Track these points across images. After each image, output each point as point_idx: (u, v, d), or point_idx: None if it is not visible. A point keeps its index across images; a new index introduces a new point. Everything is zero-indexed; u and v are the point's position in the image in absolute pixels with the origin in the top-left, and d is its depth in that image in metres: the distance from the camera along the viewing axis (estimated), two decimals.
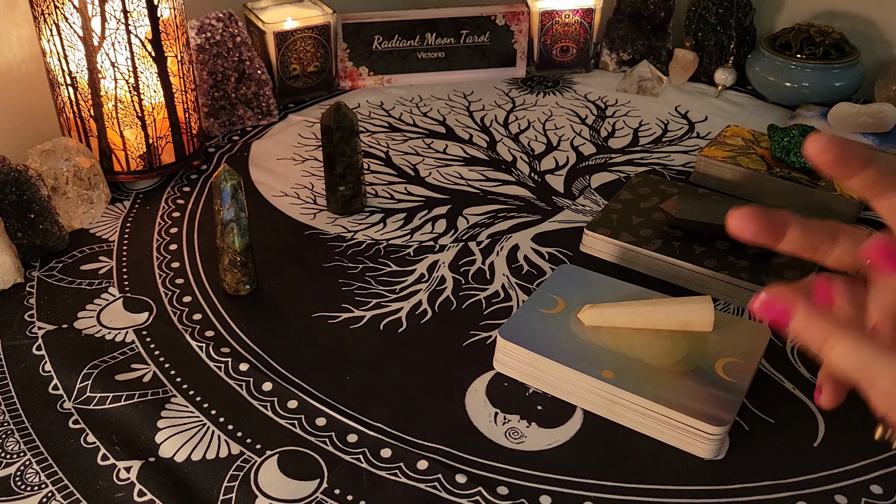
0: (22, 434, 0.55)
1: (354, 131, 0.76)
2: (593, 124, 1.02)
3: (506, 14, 1.11)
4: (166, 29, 0.78)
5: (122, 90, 0.78)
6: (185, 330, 0.65)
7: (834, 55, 1.02)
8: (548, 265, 0.73)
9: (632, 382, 0.55)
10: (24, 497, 0.50)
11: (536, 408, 0.58)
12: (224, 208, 0.64)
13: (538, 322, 0.60)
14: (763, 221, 0.45)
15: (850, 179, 0.43)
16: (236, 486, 0.51)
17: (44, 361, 0.61)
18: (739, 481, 0.52)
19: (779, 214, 0.46)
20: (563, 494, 0.51)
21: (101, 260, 0.74)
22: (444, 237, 0.78)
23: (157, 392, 0.59)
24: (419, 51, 1.11)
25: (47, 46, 0.77)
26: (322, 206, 0.83)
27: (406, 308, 0.68)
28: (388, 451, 0.54)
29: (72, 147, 0.77)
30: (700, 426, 0.52)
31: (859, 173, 0.42)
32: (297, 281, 0.71)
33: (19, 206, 0.70)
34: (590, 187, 0.87)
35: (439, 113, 1.04)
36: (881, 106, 0.93)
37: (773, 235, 0.46)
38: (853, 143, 0.41)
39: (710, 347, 0.58)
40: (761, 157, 0.85)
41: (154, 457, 0.53)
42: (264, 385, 0.59)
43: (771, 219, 0.45)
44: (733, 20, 1.10)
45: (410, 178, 0.89)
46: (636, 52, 1.16)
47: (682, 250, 0.71)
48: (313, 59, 1.05)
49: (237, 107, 0.98)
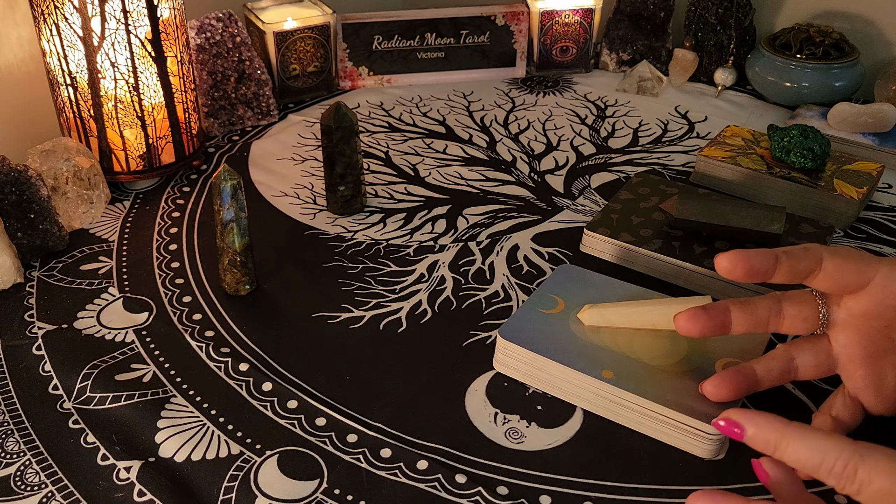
0: (22, 434, 0.55)
1: (354, 131, 0.76)
2: (593, 124, 1.02)
3: (506, 14, 1.11)
4: (166, 29, 0.78)
5: (121, 90, 0.78)
6: (184, 330, 0.65)
7: (834, 55, 1.02)
8: (548, 265, 0.73)
9: (632, 382, 0.55)
10: (24, 497, 0.50)
11: (536, 408, 0.58)
12: (224, 208, 0.64)
13: (538, 322, 0.60)
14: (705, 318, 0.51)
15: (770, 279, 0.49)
16: (236, 486, 0.51)
17: (44, 361, 0.61)
18: (739, 481, 0.52)
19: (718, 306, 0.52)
20: (563, 494, 0.51)
21: (101, 260, 0.74)
22: (444, 237, 0.78)
23: (157, 392, 0.59)
24: (419, 51, 1.11)
25: (47, 46, 0.77)
26: (322, 206, 0.83)
27: (406, 308, 0.68)
28: (387, 451, 0.54)
29: (72, 147, 0.77)
30: (700, 426, 0.52)
31: (774, 274, 0.49)
32: (297, 281, 0.71)
33: (19, 206, 0.70)
34: (590, 187, 0.87)
35: (439, 113, 1.04)
36: (881, 106, 0.93)
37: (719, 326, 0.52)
38: (757, 253, 0.48)
39: (710, 347, 0.58)
40: (761, 157, 0.85)
41: (154, 457, 0.53)
42: (264, 385, 0.59)
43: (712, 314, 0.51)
44: (733, 20, 1.10)
45: (410, 178, 0.89)
46: (636, 52, 1.16)
47: (682, 250, 0.71)
48: (313, 59, 1.05)
49: (237, 107, 0.98)
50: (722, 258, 0.48)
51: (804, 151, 0.81)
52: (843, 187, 0.79)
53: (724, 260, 0.48)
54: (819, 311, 0.51)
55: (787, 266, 0.48)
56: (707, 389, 0.52)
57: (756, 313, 0.51)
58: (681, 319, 0.51)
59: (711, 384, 0.52)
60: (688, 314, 0.51)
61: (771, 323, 0.51)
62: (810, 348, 0.52)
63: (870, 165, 0.83)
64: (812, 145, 0.81)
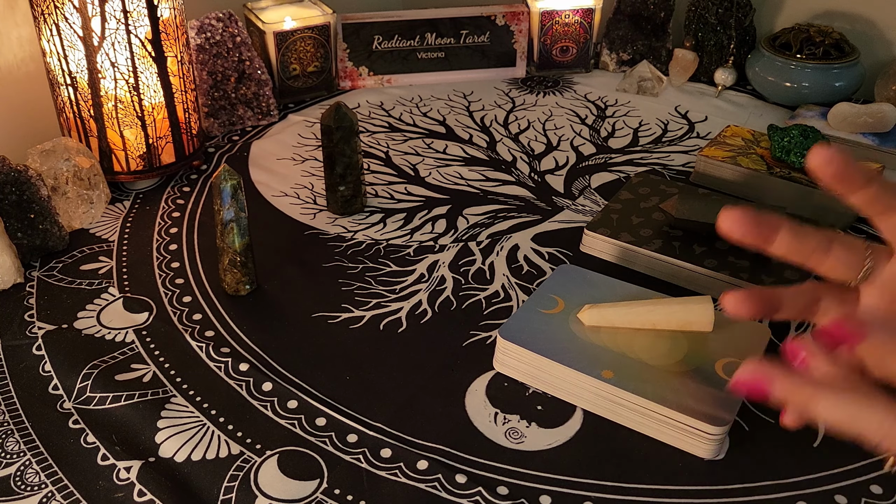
0: (22, 434, 0.55)
1: (354, 131, 0.76)
2: (593, 124, 1.02)
3: (506, 14, 1.11)
4: (166, 29, 0.78)
5: (122, 90, 0.78)
6: (185, 330, 0.65)
7: (834, 55, 1.02)
8: (548, 265, 0.73)
9: (632, 382, 0.55)
10: (24, 497, 0.50)
11: (536, 408, 0.58)
12: (224, 208, 0.64)
13: (538, 322, 0.60)
14: (753, 222, 0.46)
15: (851, 195, 0.44)
16: (236, 486, 0.51)
17: (44, 361, 0.61)
18: (739, 481, 0.52)
19: (771, 218, 0.46)
20: (563, 494, 0.51)
21: (101, 260, 0.74)
22: (444, 237, 0.78)
23: (157, 392, 0.59)
24: (419, 51, 1.11)
25: (47, 46, 0.77)
26: (322, 206, 0.83)
27: (406, 308, 0.68)
28: (388, 451, 0.54)
29: (72, 147, 0.77)
30: (700, 426, 0.52)
31: (859, 190, 0.44)
32: (297, 281, 0.71)
33: (19, 206, 0.70)
34: (590, 187, 0.87)
35: (439, 113, 1.04)
36: (881, 106, 0.93)
37: (763, 238, 0.47)
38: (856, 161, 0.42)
39: (710, 347, 0.58)
40: (761, 157, 0.85)
41: (154, 457, 0.53)
42: (264, 385, 0.59)
43: (761, 221, 0.46)
44: (733, 20, 1.10)
45: (410, 178, 0.89)
46: (636, 52, 1.16)
47: (682, 250, 0.71)
48: (313, 59, 1.05)
49: (237, 107, 0.98)
50: (819, 148, 0.41)
51: (804, 151, 0.81)
52: None
53: (821, 151, 0.41)
54: (865, 262, 0.46)
55: (876, 190, 0.42)
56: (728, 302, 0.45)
57: (806, 239, 0.45)
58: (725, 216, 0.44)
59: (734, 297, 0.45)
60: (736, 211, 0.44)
61: (813, 257, 0.46)
62: (838, 297, 0.47)
63: (870, 165, 0.83)
64: (812, 145, 0.81)
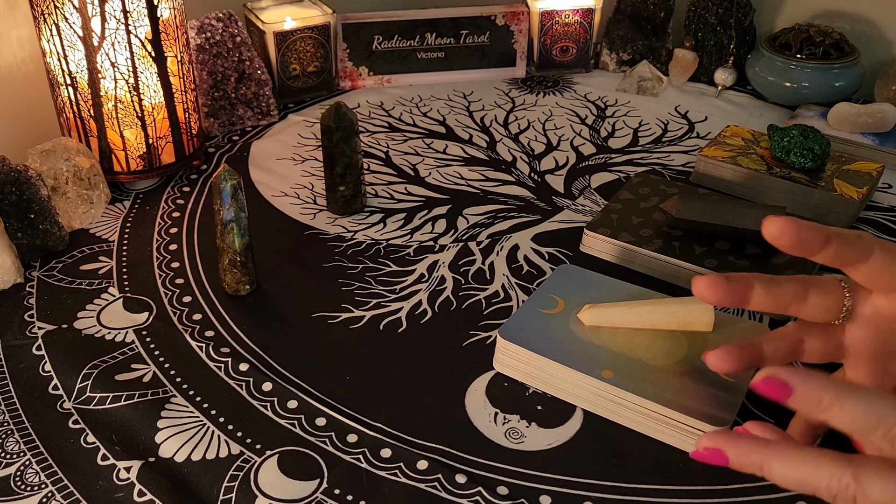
0: (22, 434, 0.55)
1: (354, 131, 0.76)
2: (593, 124, 1.02)
3: (506, 14, 1.11)
4: (166, 29, 0.78)
5: (122, 90, 0.78)
6: (185, 330, 0.65)
7: (834, 55, 1.02)
8: (548, 265, 0.73)
9: (632, 382, 0.55)
10: (24, 497, 0.50)
11: (536, 408, 0.58)
12: (224, 208, 0.64)
13: (538, 322, 0.60)
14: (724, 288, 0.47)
15: (812, 257, 0.45)
16: (236, 486, 0.51)
17: (44, 361, 0.61)
18: (739, 481, 0.52)
19: (742, 278, 0.48)
20: (563, 494, 0.51)
21: (101, 260, 0.74)
22: (444, 237, 0.78)
23: (157, 392, 0.59)
24: (419, 51, 1.11)
25: (47, 46, 0.77)
26: (322, 206, 0.83)
27: (406, 308, 0.68)
28: (387, 451, 0.54)
29: (72, 147, 0.77)
30: (700, 426, 0.52)
31: (819, 252, 0.45)
32: (297, 281, 0.71)
33: (19, 206, 0.70)
34: (590, 187, 0.87)
35: (439, 113, 1.04)
36: (881, 106, 0.93)
37: (738, 298, 0.49)
38: (810, 226, 0.43)
39: (710, 347, 0.58)
40: (761, 157, 0.85)
41: (154, 457, 0.53)
42: (264, 385, 0.59)
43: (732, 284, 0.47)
44: (733, 20, 1.10)
45: (410, 178, 0.89)
46: (636, 52, 1.16)
47: (682, 250, 0.71)
48: (313, 59, 1.05)
49: (237, 107, 0.98)
50: (772, 222, 0.42)
51: (804, 151, 0.81)
52: (843, 187, 0.79)
53: (773, 225, 0.42)
54: (844, 303, 0.47)
55: (835, 249, 0.43)
56: (711, 360, 0.48)
57: (780, 294, 0.47)
58: (699, 284, 0.46)
59: (716, 355, 0.48)
60: (707, 280, 0.46)
61: (792, 307, 0.47)
62: (822, 335, 0.49)
63: (870, 165, 0.83)
64: (812, 145, 0.81)
